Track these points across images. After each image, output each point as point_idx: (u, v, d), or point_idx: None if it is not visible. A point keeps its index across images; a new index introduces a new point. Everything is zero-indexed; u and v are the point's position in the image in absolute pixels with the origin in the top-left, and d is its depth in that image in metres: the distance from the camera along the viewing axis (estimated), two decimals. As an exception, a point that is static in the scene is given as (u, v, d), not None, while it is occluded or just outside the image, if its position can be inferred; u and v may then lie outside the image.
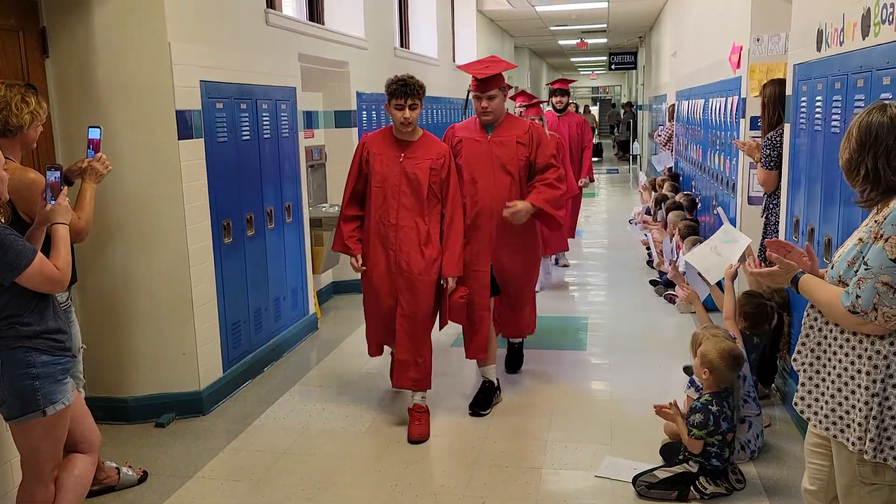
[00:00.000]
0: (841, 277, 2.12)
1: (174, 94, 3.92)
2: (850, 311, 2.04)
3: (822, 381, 2.21)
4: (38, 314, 2.48)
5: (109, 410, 3.98)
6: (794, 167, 4.07)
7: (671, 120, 10.75)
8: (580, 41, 18.25)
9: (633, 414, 4.04)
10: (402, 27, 9.11)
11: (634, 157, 18.35)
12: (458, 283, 3.94)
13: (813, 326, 2.24)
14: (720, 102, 6.42)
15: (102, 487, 3.33)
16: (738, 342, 3.46)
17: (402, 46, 8.86)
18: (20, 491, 2.66)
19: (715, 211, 6.13)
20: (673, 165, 10.11)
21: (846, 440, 2.14)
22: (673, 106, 10.80)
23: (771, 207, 4.46)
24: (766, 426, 3.73)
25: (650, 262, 7.55)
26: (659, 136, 11.16)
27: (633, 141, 19.32)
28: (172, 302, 4.06)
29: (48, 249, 2.50)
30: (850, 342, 2.12)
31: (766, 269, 2.32)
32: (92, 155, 3.02)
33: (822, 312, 2.20)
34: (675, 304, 6.08)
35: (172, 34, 3.91)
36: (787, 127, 4.22)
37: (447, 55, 10.46)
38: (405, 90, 3.77)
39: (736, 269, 3.75)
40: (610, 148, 24.57)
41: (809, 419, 2.25)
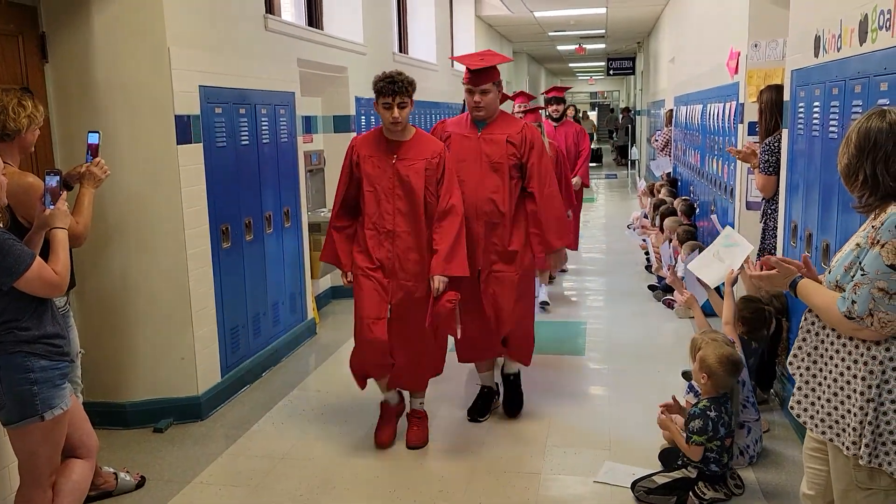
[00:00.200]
0: (838, 282, 2.13)
1: (173, 98, 3.92)
2: (846, 316, 2.04)
3: (818, 385, 2.21)
4: (36, 319, 2.48)
5: (107, 415, 3.97)
6: (792, 172, 4.08)
7: (668, 125, 10.77)
8: (578, 47, 18.30)
9: (631, 419, 4.04)
10: (400, 32, 9.13)
11: (633, 162, 18.37)
12: (447, 286, 3.58)
13: (810, 331, 2.24)
14: (718, 108, 6.43)
15: (100, 493, 3.32)
16: (736, 347, 3.46)
17: (400, 51, 8.88)
18: (18, 496, 2.65)
19: (712, 216, 6.14)
20: (671, 170, 10.12)
21: (841, 444, 2.14)
22: (671, 111, 10.82)
23: (769, 213, 4.47)
24: (764, 431, 3.73)
25: (649, 266, 7.56)
26: (656, 140, 11.18)
27: (631, 146, 19.35)
28: (171, 307, 4.06)
29: (47, 254, 2.50)
30: (846, 347, 2.12)
31: (765, 272, 2.32)
32: (90, 160, 3.03)
33: (819, 317, 2.20)
34: (673, 309, 6.09)
35: (171, 39, 3.92)
36: (785, 132, 4.23)
37: (446, 60, 10.48)
38: (392, 87, 3.53)
39: (737, 274, 3.74)
40: (609, 153, 24.61)
41: (805, 423, 2.26)
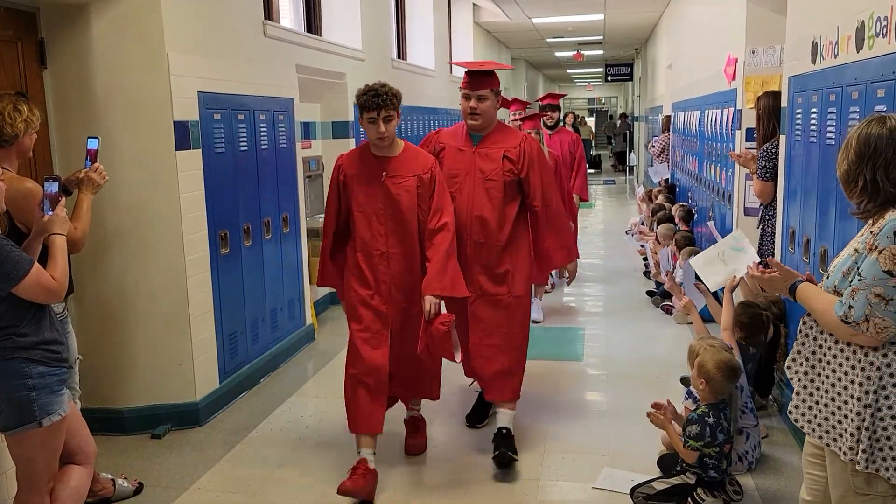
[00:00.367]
0: (836, 287, 2.13)
1: (172, 104, 3.93)
2: (842, 320, 2.05)
3: (815, 389, 2.22)
4: (34, 325, 2.47)
5: (105, 421, 3.96)
6: (789, 178, 4.09)
7: (665, 131, 10.78)
8: (577, 53, 18.35)
9: (630, 425, 4.03)
10: (399, 38, 9.15)
11: (631, 168, 18.40)
12: (440, 307, 3.39)
13: (808, 335, 2.24)
14: (716, 114, 6.45)
15: (98, 499, 3.32)
16: (734, 353, 3.47)
17: (399, 58, 8.89)
18: (16, 502, 2.64)
19: (708, 223, 6.14)
20: (669, 177, 10.14)
21: (839, 449, 2.14)
22: (667, 117, 10.84)
23: (767, 218, 4.48)
24: (763, 437, 3.73)
25: (647, 272, 7.56)
26: (652, 147, 11.18)
27: (629, 152, 19.38)
28: (169, 313, 4.06)
29: (45, 260, 2.50)
30: (843, 352, 2.13)
31: (766, 274, 2.33)
32: (89, 165, 3.03)
33: (816, 322, 2.20)
34: (671, 314, 6.09)
35: (170, 45, 3.92)
36: (782, 138, 4.24)
37: (444, 66, 10.50)
38: (377, 101, 3.32)
39: (738, 281, 3.74)
40: (607, 159, 24.66)
41: (803, 427, 2.26)
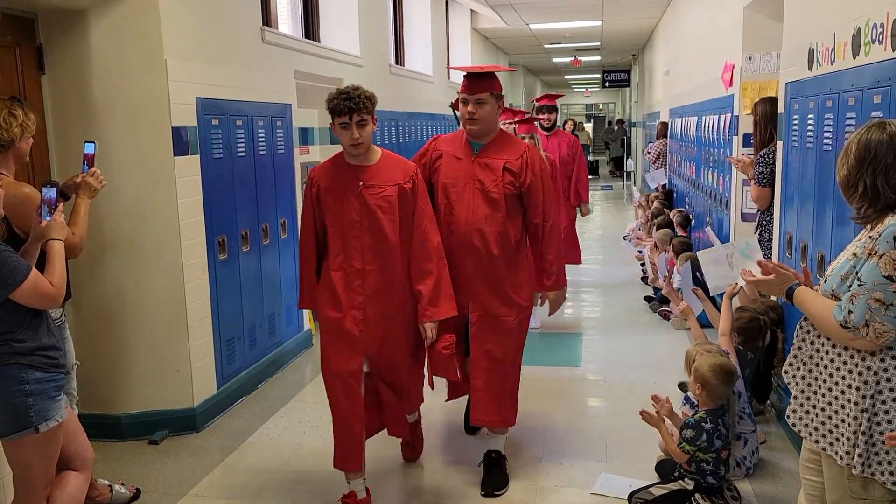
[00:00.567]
0: (834, 292, 2.13)
1: (170, 110, 3.93)
2: (842, 325, 2.05)
3: (813, 394, 2.22)
4: (31, 331, 2.47)
5: (102, 427, 3.96)
6: (786, 184, 4.10)
7: (660, 137, 10.80)
8: (574, 59, 18.40)
9: (628, 430, 4.03)
10: (397, 44, 9.16)
11: (628, 173, 18.43)
12: (440, 329, 3.23)
13: (805, 340, 2.24)
14: (713, 120, 6.47)
15: (95, 505, 3.31)
16: (731, 358, 3.47)
17: (397, 63, 8.90)
18: (12, 509, 2.64)
19: (706, 228, 6.15)
20: (667, 182, 10.16)
21: (835, 453, 2.14)
22: (663, 123, 10.87)
23: (764, 224, 4.49)
24: (761, 443, 3.73)
25: (645, 278, 7.57)
26: (648, 153, 11.19)
27: (626, 158, 19.41)
28: (167, 318, 4.06)
29: (43, 265, 2.50)
30: (841, 357, 2.13)
31: (762, 276, 2.33)
32: (87, 170, 3.03)
33: (814, 326, 2.21)
34: (669, 320, 6.09)
35: (169, 51, 3.93)
36: (779, 144, 4.25)
37: (442, 72, 10.52)
38: (349, 105, 3.03)
39: (739, 289, 3.74)
40: (605, 164, 24.71)
41: (800, 431, 2.26)
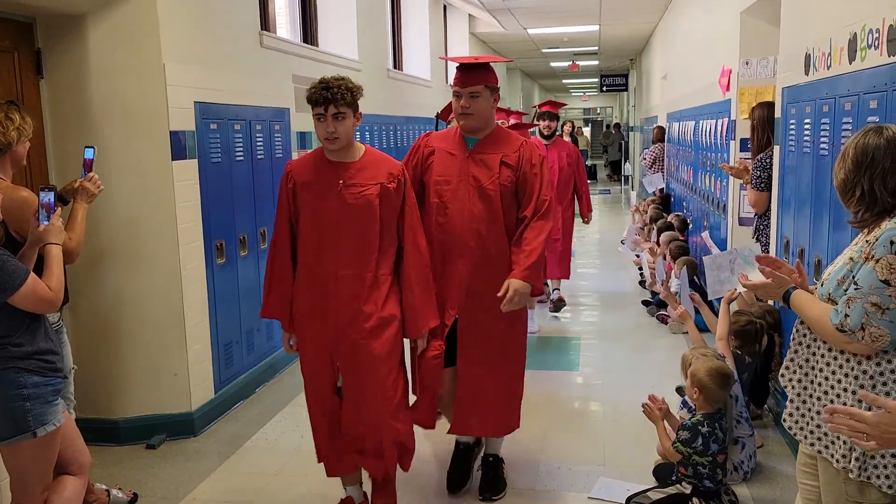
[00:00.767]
0: (830, 295, 2.14)
1: (168, 114, 3.94)
2: (838, 329, 2.05)
3: (809, 397, 2.22)
4: (29, 335, 2.47)
5: (100, 432, 3.95)
6: (783, 188, 4.11)
7: (655, 142, 10.81)
8: (572, 63, 18.43)
9: (626, 435, 4.04)
10: (395, 49, 9.18)
11: (626, 177, 18.46)
12: (429, 337, 3.11)
13: (801, 343, 2.25)
14: (710, 124, 6.49)
15: (92, 510, 3.30)
16: (728, 362, 3.47)
17: (395, 68, 8.92)
18: (9, 513, 2.64)
19: (702, 233, 6.16)
20: (664, 186, 10.17)
21: (831, 456, 2.14)
22: (659, 128, 10.87)
23: (762, 228, 4.50)
24: (758, 447, 3.73)
25: (642, 282, 7.57)
26: (644, 158, 11.20)
27: (624, 162, 19.45)
28: (164, 323, 4.05)
29: (40, 269, 2.50)
30: (837, 360, 2.13)
31: (759, 280, 2.33)
32: (85, 175, 3.03)
33: (810, 330, 2.21)
34: (667, 324, 6.10)
35: (167, 55, 3.93)
36: (776, 149, 4.26)
37: (440, 76, 10.53)
38: (325, 95, 2.80)
39: (738, 295, 3.74)
40: (602, 168, 24.76)
41: (796, 434, 2.26)
